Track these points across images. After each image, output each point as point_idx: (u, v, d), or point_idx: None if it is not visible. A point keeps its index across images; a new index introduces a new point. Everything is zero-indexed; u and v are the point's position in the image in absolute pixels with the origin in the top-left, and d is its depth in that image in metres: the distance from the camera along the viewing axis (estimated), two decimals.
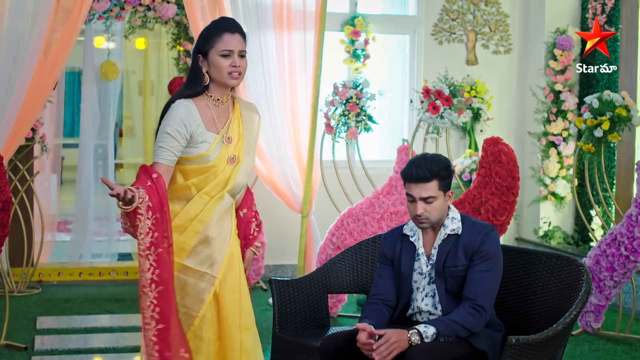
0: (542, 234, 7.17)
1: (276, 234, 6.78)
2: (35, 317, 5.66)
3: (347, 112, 5.74)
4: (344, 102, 5.75)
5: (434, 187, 3.24)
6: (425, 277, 3.33)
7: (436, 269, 3.29)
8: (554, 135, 7.08)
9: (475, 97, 7.20)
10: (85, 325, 5.48)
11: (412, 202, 3.28)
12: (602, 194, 6.05)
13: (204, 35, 3.08)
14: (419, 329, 3.08)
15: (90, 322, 5.57)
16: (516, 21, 7.51)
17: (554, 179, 7.12)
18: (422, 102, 5.56)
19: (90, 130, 7.31)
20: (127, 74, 8.37)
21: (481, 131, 7.31)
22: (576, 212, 7.17)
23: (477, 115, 7.31)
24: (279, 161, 6.13)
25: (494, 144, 5.21)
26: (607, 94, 5.37)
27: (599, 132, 5.33)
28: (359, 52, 7.14)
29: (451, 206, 3.36)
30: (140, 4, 6.56)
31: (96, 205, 7.51)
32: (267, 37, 6.08)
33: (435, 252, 3.32)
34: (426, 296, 3.32)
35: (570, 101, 7.03)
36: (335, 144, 5.96)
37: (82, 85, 7.40)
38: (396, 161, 5.75)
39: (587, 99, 5.44)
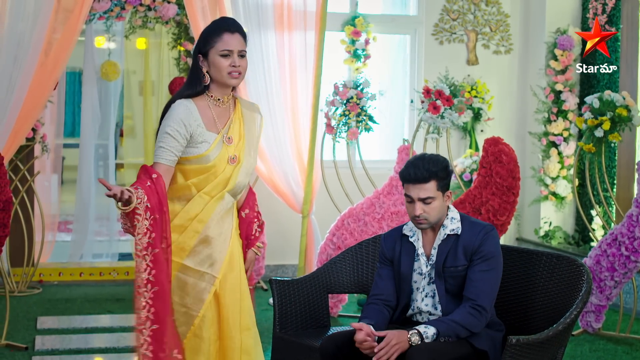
0: (542, 234, 7.16)
1: (277, 234, 6.78)
2: (35, 317, 5.66)
3: (347, 112, 5.74)
4: (345, 102, 5.74)
5: (432, 188, 3.23)
6: (425, 278, 3.33)
7: (436, 269, 3.29)
8: (555, 135, 7.07)
9: (475, 97, 7.19)
10: (85, 325, 5.48)
11: (411, 202, 3.27)
12: (602, 194, 6.04)
13: (204, 35, 3.08)
14: (419, 329, 3.08)
15: (90, 322, 5.57)
16: (517, 21, 7.51)
17: (554, 179, 7.12)
18: (423, 102, 5.56)
19: (90, 130, 7.30)
20: (128, 74, 8.38)
21: (482, 131, 7.30)
22: (577, 212, 7.17)
23: (477, 115, 7.30)
24: (279, 161, 6.13)
25: (494, 144, 5.21)
26: (607, 94, 5.36)
27: (599, 132, 5.33)
28: (360, 52, 7.13)
29: (450, 206, 3.35)
30: (140, 4, 6.56)
31: (97, 205, 7.50)
32: (268, 37, 6.08)
33: (435, 253, 3.31)
34: (426, 296, 3.32)
35: (570, 101, 7.03)
36: (335, 144, 5.96)
37: (83, 85, 7.39)
38: (397, 161, 5.75)
39: (588, 99, 5.44)
